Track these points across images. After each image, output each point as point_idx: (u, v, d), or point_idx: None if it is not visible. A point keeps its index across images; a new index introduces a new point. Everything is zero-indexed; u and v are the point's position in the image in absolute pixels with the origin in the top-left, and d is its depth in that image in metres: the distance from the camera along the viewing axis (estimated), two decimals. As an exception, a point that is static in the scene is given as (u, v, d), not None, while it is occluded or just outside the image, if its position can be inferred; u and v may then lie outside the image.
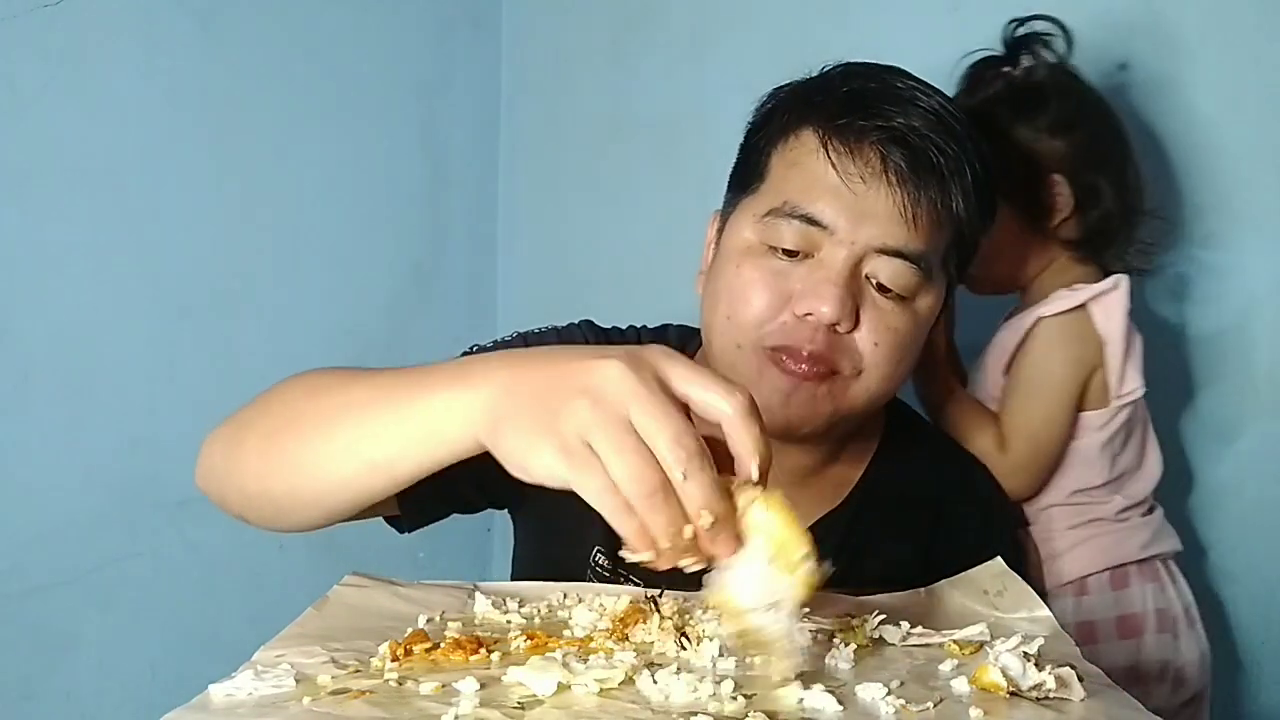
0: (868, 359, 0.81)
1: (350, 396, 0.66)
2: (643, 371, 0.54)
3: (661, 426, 0.53)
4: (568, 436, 0.53)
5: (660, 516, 0.52)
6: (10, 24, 1.09)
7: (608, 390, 0.53)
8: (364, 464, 0.64)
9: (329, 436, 0.66)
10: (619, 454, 0.52)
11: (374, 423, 0.64)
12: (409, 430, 0.62)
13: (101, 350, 1.19)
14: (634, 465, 0.52)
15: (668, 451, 0.52)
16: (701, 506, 0.53)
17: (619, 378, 0.54)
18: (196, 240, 1.27)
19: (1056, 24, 1.01)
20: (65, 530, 1.17)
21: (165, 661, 1.26)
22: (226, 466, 0.73)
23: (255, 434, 0.71)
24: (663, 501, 0.52)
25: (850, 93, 0.81)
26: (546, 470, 0.54)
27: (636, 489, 0.52)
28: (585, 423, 0.53)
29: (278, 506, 0.71)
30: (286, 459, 0.68)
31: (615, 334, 0.96)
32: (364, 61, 1.47)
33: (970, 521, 0.94)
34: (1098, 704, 0.53)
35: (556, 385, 0.55)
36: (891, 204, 0.78)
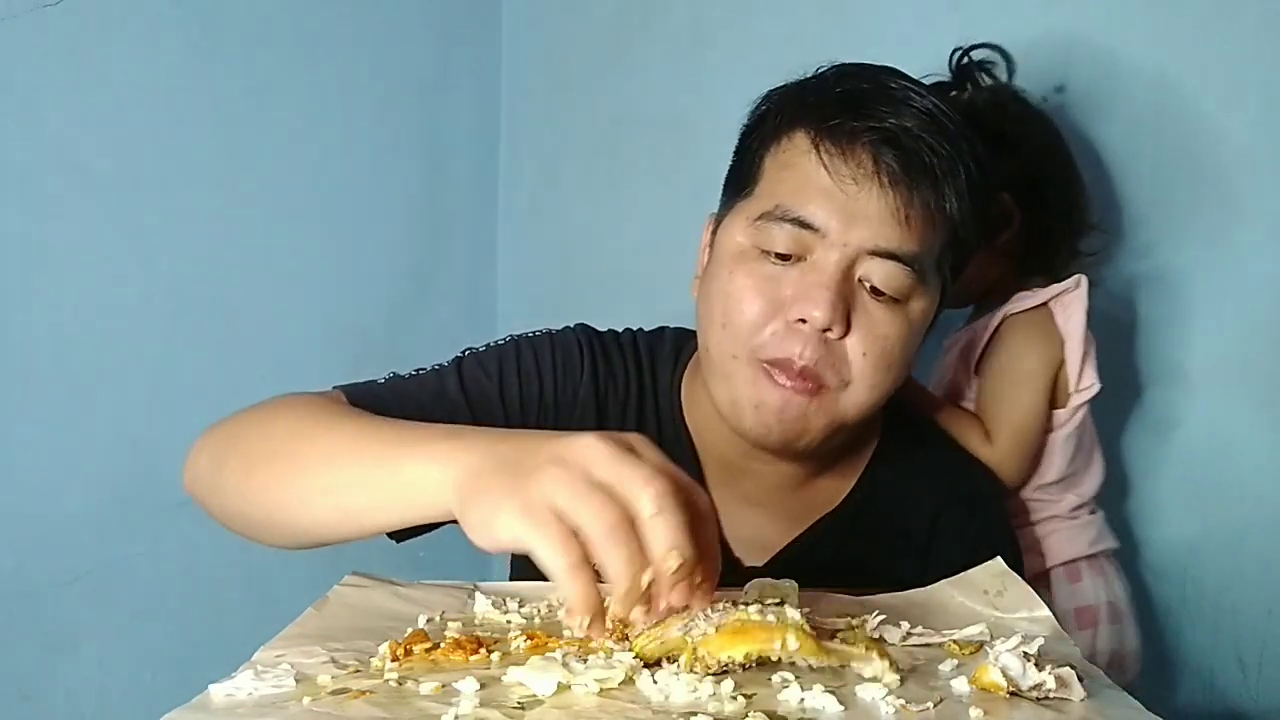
0: (855, 370, 0.80)
1: (329, 444, 0.68)
2: (618, 442, 0.55)
3: (629, 472, 0.53)
4: (532, 497, 0.53)
5: (621, 551, 0.51)
6: (10, 24, 1.09)
7: (579, 455, 0.54)
8: (337, 510, 0.66)
9: (307, 480, 0.68)
10: (580, 500, 0.52)
11: (348, 473, 0.65)
12: (381, 491, 0.63)
13: (101, 350, 1.19)
14: (594, 503, 0.52)
15: (639, 490, 0.52)
16: (670, 546, 0.51)
17: (590, 444, 0.54)
18: (196, 240, 1.27)
19: (999, 50, 1.06)
20: (65, 530, 1.16)
21: (165, 661, 1.26)
22: (211, 480, 0.75)
23: (236, 457, 0.73)
24: (624, 537, 0.51)
25: (843, 94, 0.81)
26: (508, 531, 0.53)
27: (597, 527, 0.51)
28: (550, 485, 0.53)
29: (256, 530, 0.73)
30: (264, 492, 0.70)
31: (610, 337, 0.96)
32: (364, 61, 1.46)
33: (970, 523, 0.93)
34: (1098, 704, 0.53)
35: (527, 457, 0.55)
36: (884, 205, 0.78)
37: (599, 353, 0.92)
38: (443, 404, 0.85)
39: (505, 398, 0.88)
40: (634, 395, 0.92)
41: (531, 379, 0.89)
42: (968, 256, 0.87)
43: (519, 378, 0.89)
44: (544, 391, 0.89)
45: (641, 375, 0.93)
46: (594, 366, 0.91)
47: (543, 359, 0.90)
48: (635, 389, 0.92)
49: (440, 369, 0.89)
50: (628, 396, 0.92)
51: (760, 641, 0.53)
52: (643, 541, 0.52)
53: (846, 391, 0.81)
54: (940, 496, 0.94)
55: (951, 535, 0.91)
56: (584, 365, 0.91)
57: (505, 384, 0.88)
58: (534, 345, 0.91)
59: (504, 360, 0.89)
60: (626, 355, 0.93)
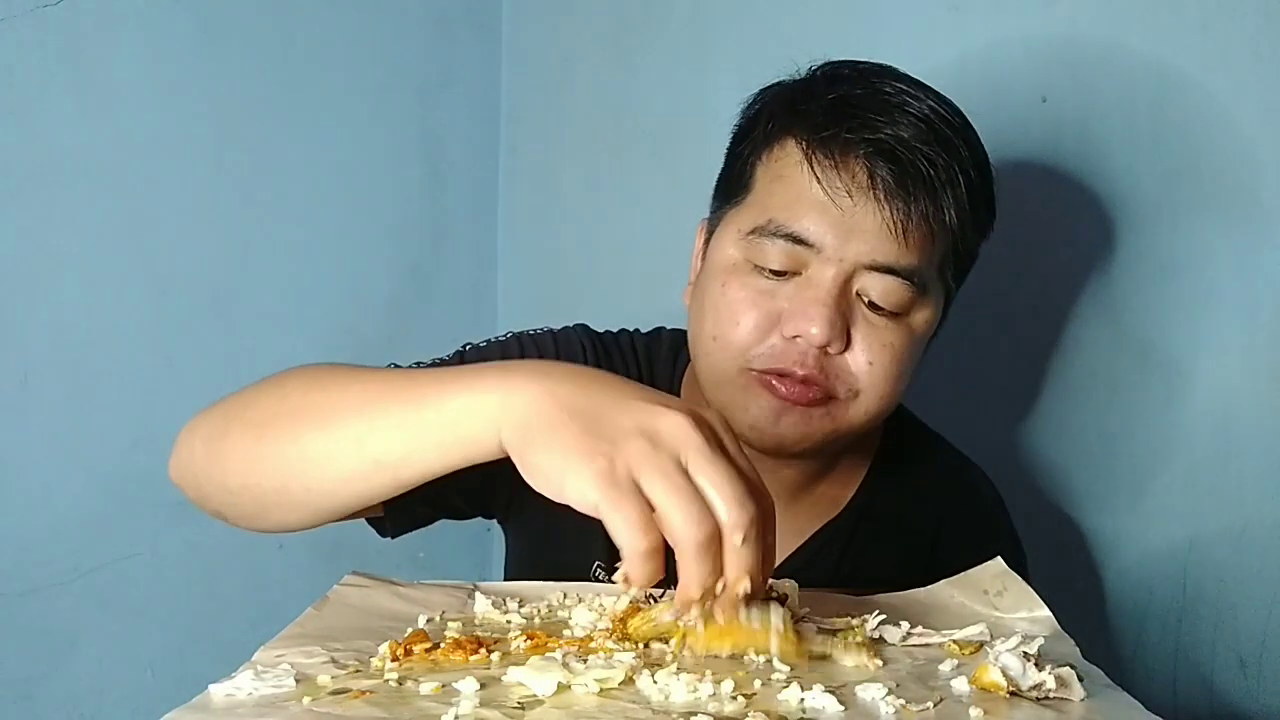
0: (863, 380, 0.79)
1: (357, 391, 0.63)
2: (705, 429, 0.53)
3: (727, 484, 0.51)
4: (615, 466, 0.51)
5: (704, 567, 0.51)
6: (10, 24, 1.09)
7: (672, 436, 0.52)
8: (367, 462, 0.61)
9: (330, 431, 0.62)
10: (678, 495, 0.50)
11: (384, 418, 0.60)
12: (423, 429, 0.58)
13: (101, 350, 1.19)
14: (694, 510, 0.50)
15: (734, 510, 0.51)
16: (747, 572, 0.51)
17: (685, 427, 0.52)
18: (196, 240, 1.27)
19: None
20: (65, 530, 1.17)
21: (165, 661, 1.26)
22: (208, 458, 0.69)
23: (242, 425, 0.67)
24: (713, 554, 0.51)
25: (835, 100, 0.78)
26: (580, 494, 0.51)
27: (693, 534, 0.50)
28: (640, 460, 0.51)
29: (262, 504, 0.67)
30: (279, 452, 0.64)
31: (609, 339, 0.95)
32: (364, 61, 1.47)
33: (974, 528, 0.93)
34: (1098, 704, 0.53)
35: (610, 416, 0.53)
36: (880, 220, 0.75)
37: (600, 354, 0.91)
38: None
39: None
40: None
41: None
42: (971, 260, 0.86)
43: None
44: None
45: (641, 377, 0.92)
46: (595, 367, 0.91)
47: (545, 358, 0.89)
48: None
49: (441, 361, 0.88)
50: None
51: (742, 645, 0.53)
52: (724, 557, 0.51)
53: (857, 402, 0.80)
54: (944, 501, 0.93)
55: (956, 540, 0.91)
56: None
57: None
58: (536, 343, 0.90)
59: (506, 356, 0.88)
60: (626, 357, 0.93)
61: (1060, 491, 1.19)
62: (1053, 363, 1.19)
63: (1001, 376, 1.21)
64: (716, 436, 0.53)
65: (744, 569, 0.51)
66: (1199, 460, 1.11)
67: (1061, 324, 1.17)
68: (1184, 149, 1.10)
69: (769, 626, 0.53)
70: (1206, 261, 1.09)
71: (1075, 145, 1.14)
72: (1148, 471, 1.14)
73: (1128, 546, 1.15)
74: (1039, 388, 1.20)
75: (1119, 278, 1.14)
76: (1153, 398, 1.13)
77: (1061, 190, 1.15)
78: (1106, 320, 1.15)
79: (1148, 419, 1.14)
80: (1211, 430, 1.10)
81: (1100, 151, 1.13)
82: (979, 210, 0.81)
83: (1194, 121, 1.09)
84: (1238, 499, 1.08)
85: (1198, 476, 1.11)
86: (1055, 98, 1.15)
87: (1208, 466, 1.10)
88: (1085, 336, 1.16)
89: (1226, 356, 1.09)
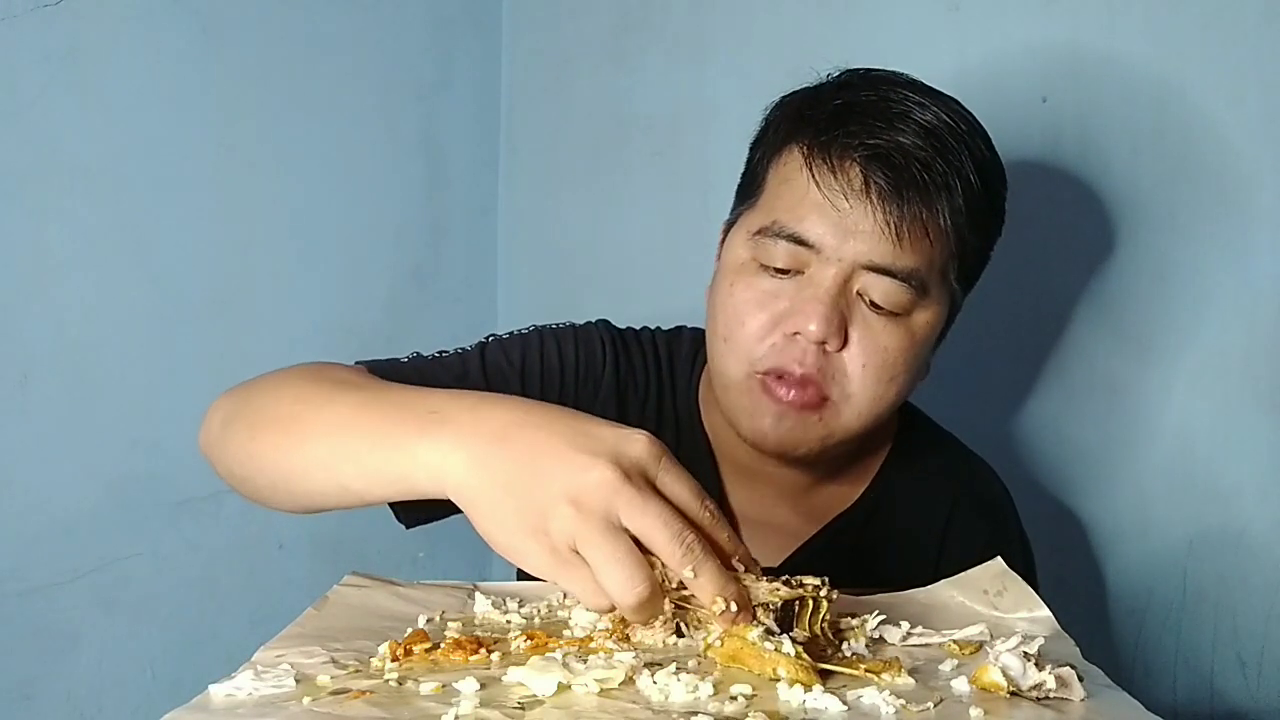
0: (855, 382, 0.80)
1: (331, 413, 0.67)
2: (631, 477, 0.54)
3: (660, 530, 0.53)
4: (555, 540, 0.54)
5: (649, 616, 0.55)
6: (10, 24, 1.09)
7: (594, 499, 0.54)
8: (335, 484, 0.65)
9: (305, 450, 0.67)
10: (606, 564, 0.53)
11: (349, 447, 0.64)
12: (379, 467, 0.62)
13: (101, 350, 1.19)
14: (623, 575, 0.53)
15: (672, 552, 0.53)
16: (715, 594, 0.54)
17: (604, 484, 0.54)
18: (196, 240, 1.27)
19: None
20: (65, 530, 1.16)
21: (165, 661, 1.26)
22: (220, 442, 0.74)
23: (243, 421, 0.72)
24: (650, 604, 0.54)
25: (839, 107, 0.80)
26: (537, 570, 0.56)
27: (626, 599, 0.53)
28: (571, 529, 0.54)
29: (261, 495, 0.73)
30: (268, 458, 0.69)
31: (630, 335, 0.96)
32: (364, 61, 1.46)
33: (982, 527, 0.94)
34: (1098, 704, 0.53)
35: (537, 481, 0.55)
36: (876, 222, 0.77)
37: (621, 350, 0.93)
38: (463, 387, 0.85)
39: (526, 388, 0.88)
40: (653, 394, 0.93)
41: (553, 372, 0.90)
42: (981, 264, 0.87)
43: (541, 369, 0.89)
44: (564, 385, 0.90)
45: (661, 375, 0.94)
46: (615, 363, 0.91)
47: (565, 352, 0.91)
48: (655, 388, 0.93)
49: (464, 352, 0.89)
50: (647, 395, 0.92)
51: (753, 667, 0.53)
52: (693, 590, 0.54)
53: (849, 403, 0.81)
54: (952, 500, 0.94)
55: (964, 538, 0.92)
56: (605, 361, 0.91)
57: (527, 374, 0.89)
58: (557, 337, 0.92)
59: (527, 350, 0.90)
60: (647, 354, 0.94)
61: (1060, 491, 1.19)
62: (1052, 363, 1.19)
63: (1001, 376, 1.21)
64: (641, 474, 0.55)
65: (711, 594, 0.54)
66: (1199, 460, 1.11)
67: (1061, 324, 1.17)
68: (1184, 149, 1.10)
69: (781, 650, 0.53)
70: (1206, 261, 1.09)
71: (1075, 146, 1.14)
72: (1148, 471, 1.14)
73: (1128, 546, 1.15)
74: (1039, 388, 1.20)
75: (1119, 277, 1.14)
76: (1152, 398, 1.13)
77: (1061, 191, 1.15)
78: (1106, 320, 1.15)
79: (1147, 419, 1.14)
80: (1211, 430, 1.10)
81: (1100, 152, 1.13)
82: (980, 216, 0.82)
83: (1194, 122, 1.09)
84: (1238, 499, 1.08)
85: (1198, 476, 1.11)
86: (1055, 98, 1.15)
87: (1208, 466, 1.10)
88: (1085, 336, 1.16)
89: (1226, 357, 1.09)
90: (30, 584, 1.14)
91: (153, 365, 1.23)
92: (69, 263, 1.16)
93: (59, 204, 1.14)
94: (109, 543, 1.21)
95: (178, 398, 1.24)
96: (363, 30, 1.46)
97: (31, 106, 1.11)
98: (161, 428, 1.23)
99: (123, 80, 1.19)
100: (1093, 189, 1.14)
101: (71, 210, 1.16)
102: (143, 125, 1.21)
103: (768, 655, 0.52)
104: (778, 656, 0.52)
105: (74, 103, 1.15)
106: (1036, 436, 1.20)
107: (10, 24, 1.09)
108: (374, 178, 1.49)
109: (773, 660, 0.52)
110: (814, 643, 0.56)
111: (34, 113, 1.11)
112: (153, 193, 1.22)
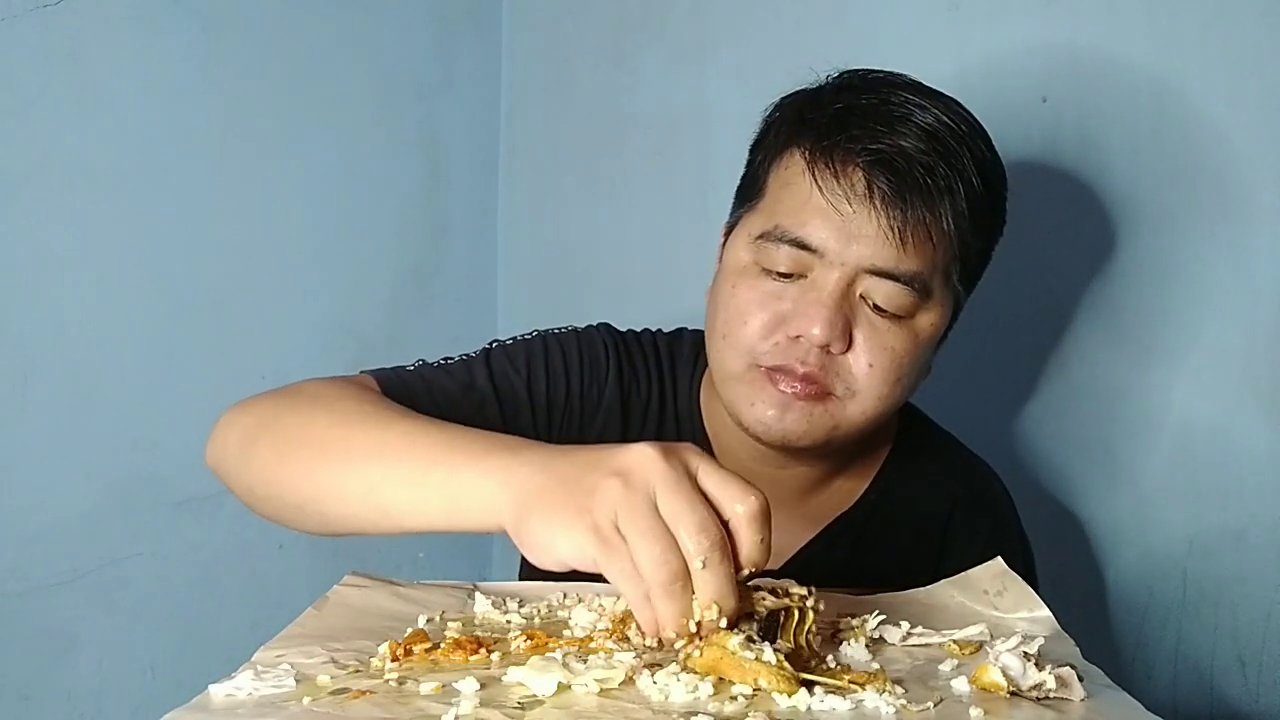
0: (861, 381, 0.81)
1: (377, 437, 0.67)
2: (672, 459, 0.55)
3: (686, 513, 0.54)
4: (599, 517, 0.54)
5: (674, 606, 0.54)
6: (10, 24, 1.09)
7: (638, 472, 0.55)
8: (376, 509, 0.65)
9: (346, 473, 0.66)
10: (643, 537, 0.53)
11: (395, 471, 0.64)
12: (430, 492, 0.62)
13: (101, 350, 1.19)
14: (657, 550, 0.53)
15: (690, 539, 0.53)
16: (714, 599, 0.54)
17: (649, 460, 0.55)
18: (196, 240, 1.27)
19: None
20: (65, 530, 1.16)
21: (165, 661, 1.26)
22: (240, 460, 0.73)
23: (270, 439, 0.72)
24: (680, 591, 0.54)
25: (840, 110, 0.80)
26: (577, 549, 0.55)
27: (657, 574, 0.53)
28: (615, 503, 0.54)
29: (284, 515, 0.72)
30: (298, 478, 0.69)
31: (631, 338, 0.96)
32: (364, 61, 1.46)
33: (983, 526, 0.94)
34: (1098, 704, 0.53)
35: (588, 471, 0.56)
36: (878, 226, 0.77)
37: (623, 354, 0.93)
38: (471, 396, 0.86)
39: (533, 394, 0.89)
40: (655, 398, 0.93)
41: (559, 378, 0.90)
42: (982, 265, 0.87)
43: (546, 376, 0.90)
44: (570, 391, 0.90)
45: (663, 378, 0.94)
46: (619, 368, 0.92)
47: (570, 358, 0.91)
48: (657, 392, 0.93)
49: (468, 359, 0.89)
50: (649, 399, 0.93)
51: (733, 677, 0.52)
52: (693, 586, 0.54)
53: (854, 401, 0.81)
54: (953, 499, 0.94)
55: (964, 538, 0.92)
56: (609, 367, 0.91)
57: (533, 381, 0.89)
58: (561, 343, 0.92)
59: (532, 357, 0.90)
60: (649, 357, 0.94)
61: (1061, 492, 1.19)
62: (1053, 363, 1.19)
63: (1002, 376, 1.21)
64: (685, 467, 0.56)
65: (709, 595, 0.54)
66: (1199, 460, 1.11)
67: (1061, 324, 1.17)
68: (1183, 150, 1.10)
69: (762, 660, 0.52)
70: (1206, 261, 1.09)
71: (1075, 146, 1.14)
72: (1148, 472, 1.14)
73: (1128, 546, 1.15)
74: (1039, 388, 1.20)
75: (1119, 277, 1.14)
76: (1152, 398, 1.13)
77: (1061, 191, 1.15)
78: (1107, 320, 1.15)
79: (1148, 419, 1.14)
80: (1211, 430, 1.10)
81: (1100, 152, 1.13)
82: (982, 218, 0.82)
83: (1193, 122, 1.09)
84: (1238, 499, 1.08)
85: (1198, 476, 1.11)
86: (1055, 98, 1.15)
87: (1208, 466, 1.10)
88: (1085, 336, 1.16)
89: (1226, 357, 1.09)
90: (30, 584, 1.14)
91: (153, 365, 1.24)
92: (69, 263, 1.16)
93: (59, 204, 1.14)
94: (109, 543, 1.21)
95: (178, 398, 1.24)
96: (363, 30, 1.46)
97: (31, 106, 1.11)
98: (161, 428, 1.23)
99: (123, 80, 1.19)
100: (1093, 189, 1.14)
101: (71, 210, 1.16)
102: (143, 125, 1.21)
103: (748, 665, 0.52)
104: (758, 666, 0.52)
105: (74, 103, 1.15)
106: (1036, 436, 1.20)
107: (10, 24, 1.09)
108: (374, 178, 1.49)
109: (753, 670, 0.52)
110: (798, 653, 0.55)
111: (34, 113, 1.11)
112: (153, 193, 1.22)
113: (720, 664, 0.52)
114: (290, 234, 1.38)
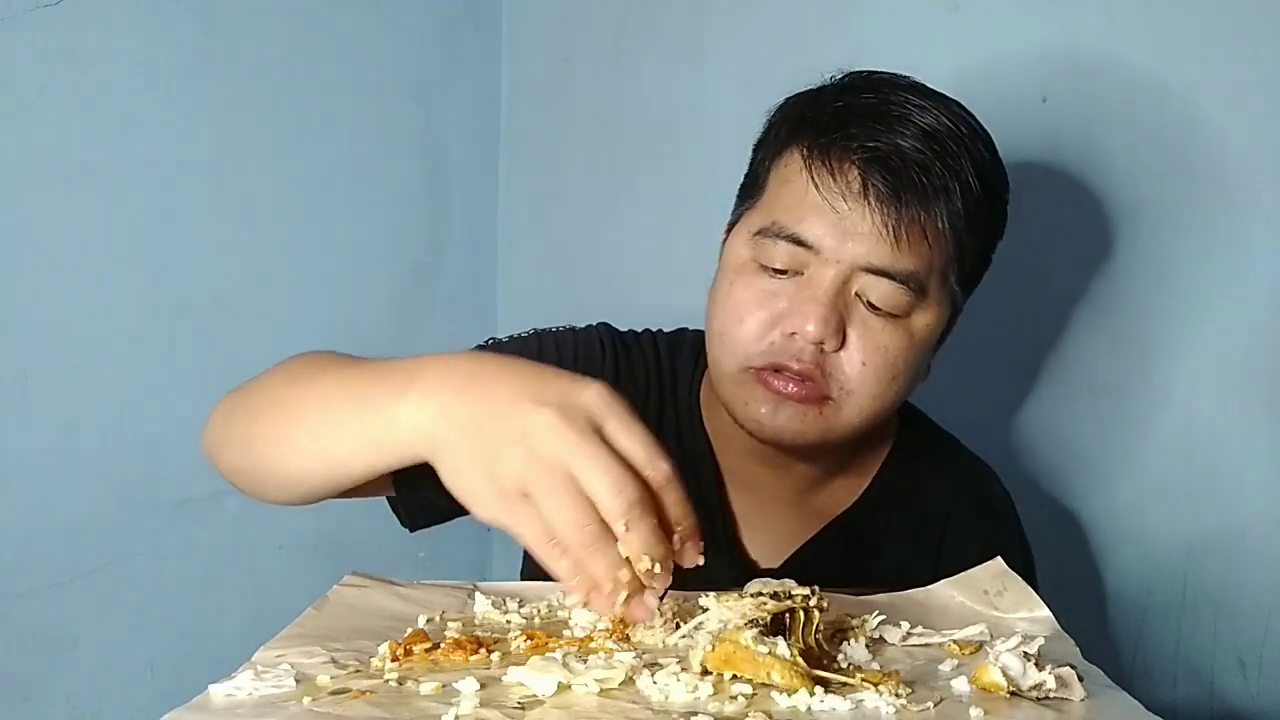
0: (855, 380, 0.81)
1: (320, 387, 0.68)
2: (576, 421, 0.55)
3: (599, 476, 0.54)
4: (504, 483, 0.55)
5: (599, 562, 0.54)
6: (10, 24, 1.09)
7: (542, 441, 0.55)
8: (321, 456, 0.66)
9: (294, 424, 0.68)
10: (557, 505, 0.54)
11: (334, 414, 0.65)
12: (360, 431, 0.63)
13: (101, 350, 1.19)
14: (571, 516, 0.54)
15: (608, 501, 0.54)
16: (643, 552, 0.55)
17: (552, 427, 0.55)
18: (196, 240, 1.27)
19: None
20: (65, 530, 1.17)
21: (165, 661, 1.26)
22: (222, 436, 0.76)
23: (242, 410, 0.74)
24: (601, 549, 0.54)
25: (840, 109, 0.81)
26: (487, 513, 0.56)
27: (575, 539, 0.54)
28: (520, 472, 0.55)
29: (257, 481, 0.73)
30: (260, 441, 0.70)
31: (630, 338, 0.96)
32: (364, 61, 1.47)
33: (982, 527, 0.94)
34: (1098, 704, 0.53)
35: (491, 424, 0.56)
36: (874, 224, 0.78)
37: (620, 353, 0.93)
38: None
39: None
40: (654, 397, 0.93)
41: None
42: (983, 266, 0.87)
43: None
44: None
45: (662, 378, 0.94)
46: (615, 367, 0.91)
47: (564, 356, 0.91)
48: (656, 391, 0.93)
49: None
50: (648, 399, 0.92)
51: (747, 671, 0.52)
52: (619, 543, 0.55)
53: (849, 401, 0.81)
54: (952, 500, 0.94)
55: (964, 538, 0.92)
56: (605, 365, 0.91)
57: None
58: (557, 341, 0.92)
59: (525, 353, 0.90)
60: (647, 357, 0.94)
61: (1060, 492, 1.19)
62: (1052, 363, 1.19)
63: (1001, 377, 1.21)
64: (590, 421, 0.56)
65: (637, 550, 0.54)
66: (1199, 460, 1.11)
67: (1061, 324, 1.17)
68: (1184, 150, 1.10)
69: (775, 654, 0.52)
70: (1206, 261, 1.09)
71: (1075, 146, 1.14)
72: (1148, 472, 1.14)
73: (1128, 546, 1.15)
74: (1039, 388, 1.20)
75: (1119, 278, 1.14)
76: (1152, 398, 1.13)
77: (1061, 191, 1.15)
78: (1106, 320, 1.15)
79: (1147, 419, 1.14)
80: (1211, 430, 1.10)
81: (1100, 152, 1.13)
82: (980, 220, 0.82)
83: (1193, 122, 1.09)
84: (1238, 499, 1.08)
85: (1198, 477, 1.11)
86: (1055, 98, 1.15)
87: (1208, 467, 1.10)
88: (1085, 336, 1.16)
89: (1226, 357, 1.09)
90: (30, 585, 1.14)
91: (153, 365, 1.24)
92: (69, 263, 1.16)
93: (59, 204, 1.14)
94: (109, 543, 1.21)
95: (178, 398, 1.24)
96: (363, 30, 1.46)
97: (31, 106, 1.11)
98: (161, 428, 1.23)
99: (123, 80, 1.19)
100: (1093, 189, 1.14)
101: (71, 210, 1.16)
102: (143, 125, 1.21)
103: (761, 659, 0.52)
104: (772, 660, 0.52)
105: (74, 103, 1.15)
106: (1036, 437, 1.20)
107: (10, 24, 1.09)
108: (374, 178, 1.49)
109: (767, 664, 0.52)
110: (809, 653, 0.55)
111: (34, 113, 1.12)
112: (153, 193, 1.23)
113: (734, 658, 0.52)
114: (290, 234, 1.38)
